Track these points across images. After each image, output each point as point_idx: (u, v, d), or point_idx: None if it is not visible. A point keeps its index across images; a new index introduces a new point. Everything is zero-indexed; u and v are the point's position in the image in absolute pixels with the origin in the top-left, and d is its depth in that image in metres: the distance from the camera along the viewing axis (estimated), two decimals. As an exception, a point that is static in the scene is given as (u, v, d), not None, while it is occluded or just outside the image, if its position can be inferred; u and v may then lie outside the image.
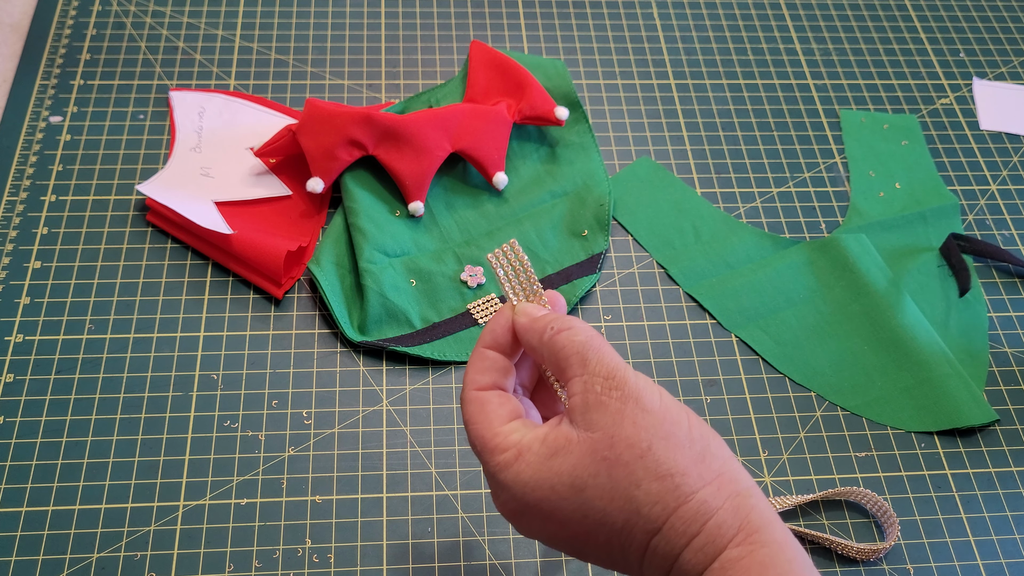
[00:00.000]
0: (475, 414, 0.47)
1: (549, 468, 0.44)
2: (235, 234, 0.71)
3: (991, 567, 0.62)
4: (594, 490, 0.43)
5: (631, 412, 0.43)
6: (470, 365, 0.48)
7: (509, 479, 0.44)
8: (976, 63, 0.92)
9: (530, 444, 0.45)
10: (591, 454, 0.43)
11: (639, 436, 0.43)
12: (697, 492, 0.42)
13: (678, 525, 0.42)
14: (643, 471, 0.42)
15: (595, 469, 0.43)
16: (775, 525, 0.43)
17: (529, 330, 0.47)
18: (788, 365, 0.70)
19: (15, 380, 0.66)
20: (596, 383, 0.44)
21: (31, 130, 0.79)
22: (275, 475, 0.63)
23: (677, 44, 0.91)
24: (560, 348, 0.46)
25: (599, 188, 0.78)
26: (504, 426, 0.46)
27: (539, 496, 0.44)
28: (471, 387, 0.48)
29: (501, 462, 0.45)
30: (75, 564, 0.59)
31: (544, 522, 0.45)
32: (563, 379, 0.46)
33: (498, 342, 0.48)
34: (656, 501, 0.42)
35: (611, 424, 0.43)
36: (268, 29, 0.88)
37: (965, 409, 0.68)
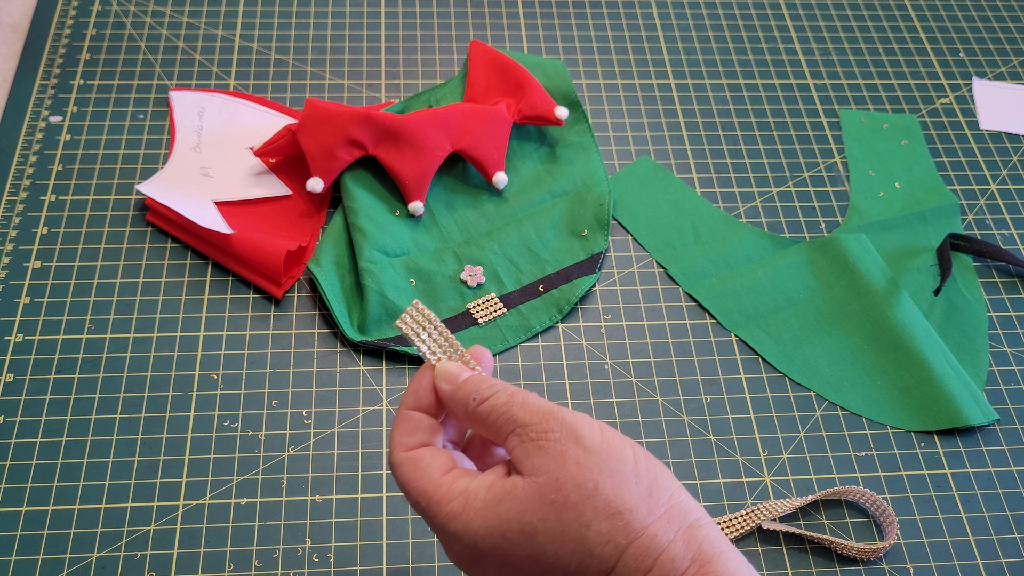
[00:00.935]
0: (411, 473, 0.46)
1: (497, 515, 0.43)
2: (235, 234, 0.71)
3: (991, 567, 0.62)
4: (545, 535, 0.42)
5: (572, 452, 0.43)
6: (395, 428, 0.47)
7: (460, 529, 0.44)
8: (976, 63, 0.92)
9: (476, 491, 0.44)
10: (538, 499, 0.42)
11: (584, 476, 0.43)
12: (647, 527, 0.42)
13: (631, 562, 0.42)
14: (592, 511, 0.42)
15: (544, 514, 0.42)
16: (727, 554, 0.43)
17: (452, 400, 0.47)
18: (788, 365, 0.71)
19: (15, 380, 0.66)
20: (530, 431, 0.44)
21: (31, 130, 0.79)
22: (275, 475, 0.63)
23: (677, 44, 0.91)
24: (486, 416, 0.45)
25: (599, 188, 0.78)
26: (444, 476, 0.45)
27: (491, 544, 0.43)
28: (399, 449, 0.47)
29: (449, 512, 0.44)
30: (75, 564, 0.59)
31: (499, 569, 0.44)
32: (499, 441, 0.45)
33: (421, 403, 0.48)
34: (607, 540, 0.42)
35: (554, 467, 0.43)
36: (268, 29, 0.88)
37: (965, 409, 0.68)
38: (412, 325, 0.49)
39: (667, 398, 0.69)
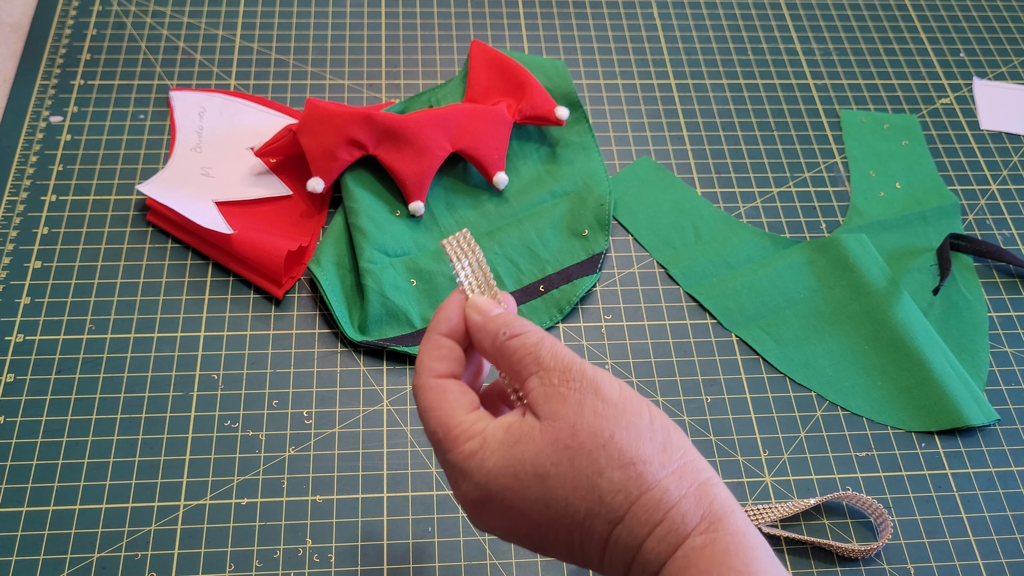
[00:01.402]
0: (436, 401, 0.46)
1: (512, 456, 0.43)
2: (235, 234, 0.71)
3: (991, 567, 0.62)
4: (557, 479, 0.43)
5: (591, 402, 0.43)
6: (424, 352, 0.47)
7: (473, 467, 0.44)
8: (976, 63, 0.92)
9: (494, 432, 0.44)
10: (553, 443, 0.43)
11: (600, 425, 0.43)
12: (659, 481, 0.42)
13: (640, 514, 0.42)
14: (606, 459, 0.42)
15: (557, 458, 0.43)
16: (737, 514, 0.43)
17: (481, 330, 0.47)
18: (788, 365, 0.71)
19: (15, 380, 0.66)
20: (552, 376, 0.44)
21: (31, 130, 0.79)
22: (276, 475, 0.63)
23: (677, 44, 0.91)
24: (513, 352, 0.45)
25: (599, 188, 0.78)
26: (468, 415, 0.45)
27: (502, 484, 0.43)
28: (429, 374, 0.46)
29: (466, 451, 0.44)
30: (75, 564, 0.59)
31: (505, 513, 0.44)
32: (518, 381, 0.45)
33: (453, 330, 0.47)
34: (619, 490, 0.42)
35: (572, 414, 0.43)
36: (268, 29, 0.88)
37: (965, 409, 0.68)
38: (456, 249, 0.49)
39: (668, 398, 0.69)
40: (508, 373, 0.46)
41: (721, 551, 0.41)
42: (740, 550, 0.41)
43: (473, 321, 0.47)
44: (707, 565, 0.41)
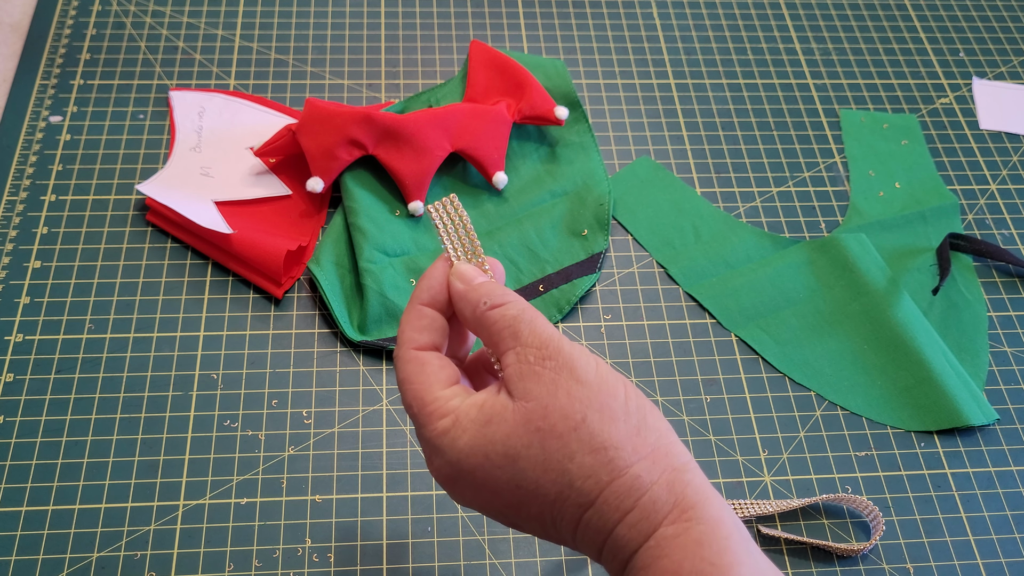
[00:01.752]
0: (415, 374, 0.45)
1: (484, 436, 0.43)
2: (235, 234, 0.71)
3: (991, 566, 0.62)
4: (527, 461, 0.42)
5: (565, 382, 0.43)
6: (406, 322, 0.46)
7: (445, 444, 0.44)
8: (976, 63, 0.92)
9: (467, 410, 0.44)
10: (525, 424, 0.42)
11: (573, 407, 0.42)
12: (631, 466, 0.42)
13: (611, 500, 0.41)
14: (577, 443, 0.42)
15: (528, 440, 0.42)
16: (711, 501, 0.42)
17: (463, 299, 0.46)
18: (788, 364, 0.71)
19: (15, 380, 0.66)
20: (529, 353, 0.43)
21: (31, 130, 0.79)
22: (275, 474, 0.63)
23: (677, 44, 0.91)
24: (492, 323, 0.45)
25: (599, 188, 0.78)
26: (444, 391, 0.45)
27: (473, 464, 0.43)
28: (409, 345, 0.46)
29: (439, 428, 0.44)
30: (75, 563, 0.59)
31: (477, 490, 0.44)
32: (497, 353, 0.45)
33: (435, 299, 0.47)
34: (589, 475, 0.42)
35: (545, 394, 0.43)
36: (268, 29, 0.88)
37: (965, 409, 0.68)
38: (442, 215, 0.48)
39: (667, 398, 0.69)
40: (487, 343, 0.46)
41: (693, 541, 0.40)
42: (713, 540, 0.41)
43: (455, 289, 0.47)
44: (679, 556, 0.40)
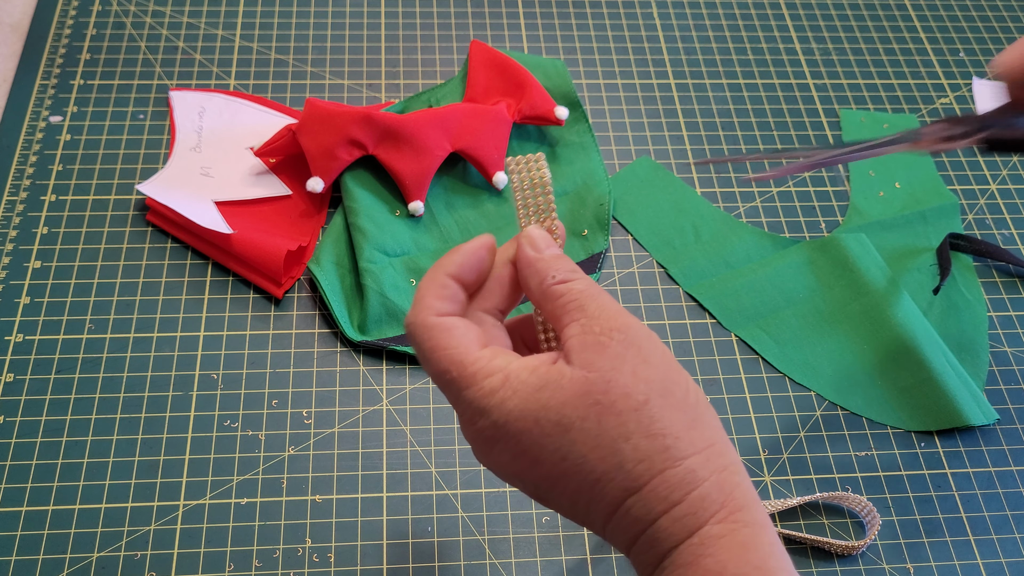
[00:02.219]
0: (444, 339, 0.43)
1: (537, 400, 0.41)
2: (235, 234, 0.71)
3: (991, 566, 0.62)
4: (579, 433, 0.40)
5: (632, 359, 0.41)
6: (426, 290, 0.44)
7: (493, 404, 0.41)
8: (976, 63, 0.92)
9: (518, 371, 0.41)
10: (584, 395, 0.40)
11: (637, 387, 0.41)
12: (687, 459, 0.40)
13: (661, 489, 0.40)
14: (635, 424, 0.40)
15: (585, 412, 0.40)
16: (757, 506, 0.41)
17: (531, 267, 0.44)
18: (788, 364, 0.71)
19: (15, 380, 0.66)
20: (595, 325, 0.42)
21: (31, 130, 0.79)
22: (275, 474, 0.63)
23: (677, 44, 0.91)
24: (558, 296, 0.43)
25: (599, 188, 0.78)
26: (482, 350, 0.43)
27: (520, 428, 0.41)
28: (430, 312, 0.43)
29: (486, 388, 0.41)
30: (75, 564, 0.59)
31: (516, 457, 0.42)
32: (558, 327, 0.43)
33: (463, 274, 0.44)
34: (642, 459, 0.40)
35: (609, 368, 0.41)
36: (268, 29, 0.88)
37: (965, 409, 0.68)
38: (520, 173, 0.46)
39: (667, 398, 0.69)
40: (549, 317, 0.44)
41: (739, 544, 0.39)
42: (759, 545, 0.40)
43: (525, 255, 0.45)
44: (724, 556, 0.39)
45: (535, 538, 0.62)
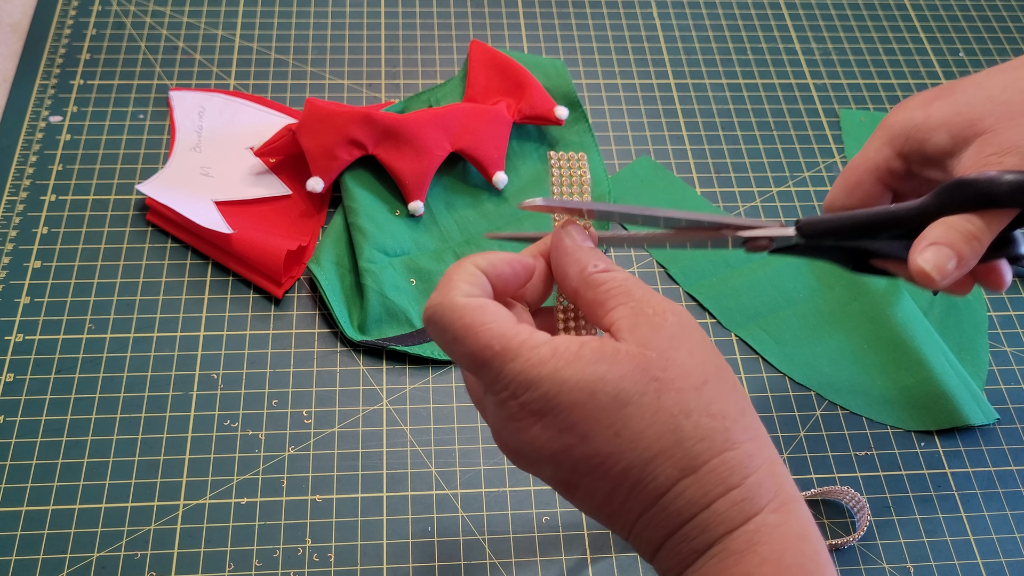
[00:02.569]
0: (478, 316, 0.41)
1: (594, 372, 0.39)
2: (235, 234, 0.71)
3: (991, 566, 0.62)
4: (637, 408, 0.39)
5: (688, 340, 0.41)
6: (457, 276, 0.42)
7: (543, 375, 0.39)
8: (976, 63, 0.92)
9: (567, 344, 0.40)
10: (642, 370, 0.39)
11: (696, 367, 0.40)
12: (743, 443, 0.40)
13: (721, 470, 0.39)
14: (695, 402, 0.39)
15: (644, 387, 0.39)
16: (802, 501, 0.41)
17: (570, 255, 0.44)
18: (788, 364, 0.71)
19: (15, 379, 0.66)
20: (647, 307, 0.41)
21: (31, 130, 0.79)
22: (275, 474, 0.63)
23: (677, 44, 0.91)
24: (601, 283, 0.43)
25: (599, 187, 0.78)
26: (521, 324, 0.41)
27: (573, 399, 0.39)
28: (460, 295, 0.41)
29: (535, 358, 0.40)
30: (75, 563, 0.59)
31: (563, 432, 0.40)
32: (601, 312, 0.42)
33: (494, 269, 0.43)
34: (703, 437, 0.39)
35: (667, 346, 0.40)
36: (268, 29, 0.88)
37: (965, 409, 0.68)
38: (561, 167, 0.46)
39: (667, 398, 0.69)
40: (589, 304, 0.43)
41: (795, 534, 0.39)
42: (812, 538, 0.40)
43: (564, 245, 0.44)
44: (780, 546, 0.39)
45: (535, 538, 0.62)
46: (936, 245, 0.50)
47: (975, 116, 0.53)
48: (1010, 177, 0.50)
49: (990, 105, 0.53)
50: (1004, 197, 0.49)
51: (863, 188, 0.57)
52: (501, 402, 0.41)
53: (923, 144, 0.54)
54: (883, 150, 0.56)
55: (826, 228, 0.53)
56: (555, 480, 0.42)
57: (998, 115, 0.52)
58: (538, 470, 0.42)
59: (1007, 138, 0.51)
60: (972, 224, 0.50)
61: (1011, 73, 0.54)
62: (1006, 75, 0.54)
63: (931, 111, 0.55)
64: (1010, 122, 0.51)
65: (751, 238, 0.52)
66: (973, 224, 0.50)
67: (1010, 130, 0.51)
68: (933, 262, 0.50)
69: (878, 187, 0.57)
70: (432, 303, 0.42)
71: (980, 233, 0.50)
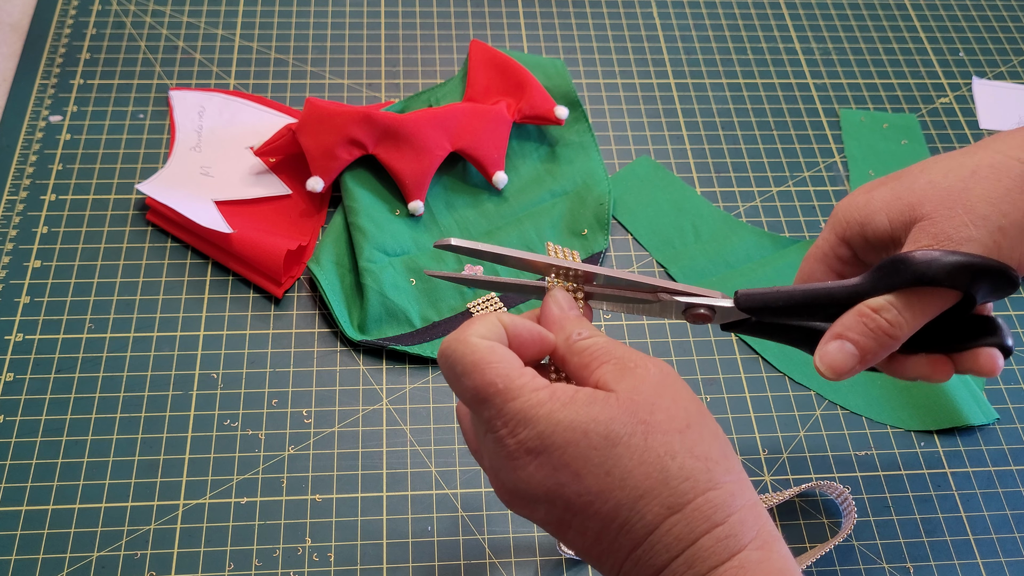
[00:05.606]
0: (489, 355, 0.43)
1: (587, 413, 0.42)
2: (235, 233, 0.71)
3: (991, 566, 0.62)
4: (626, 448, 0.41)
5: (671, 387, 0.43)
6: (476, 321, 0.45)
7: (541, 415, 0.42)
8: (976, 63, 0.92)
9: (563, 389, 0.43)
10: (631, 413, 0.42)
11: (679, 412, 0.43)
12: (727, 483, 0.42)
13: (705, 508, 0.41)
14: (680, 445, 0.42)
15: (633, 428, 0.42)
16: (782, 541, 0.43)
17: (557, 323, 0.47)
18: (787, 364, 0.71)
19: (15, 379, 0.66)
20: (629, 362, 0.44)
21: (31, 130, 0.79)
22: (275, 474, 0.63)
23: (677, 44, 0.91)
24: (584, 348, 0.45)
25: (599, 187, 0.78)
26: (527, 368, 0.44)
27: (568, 438, 0.42)
28: (475, 335, 0.44)
29: (534, 399, 0.42)
30: (75, 563, 0.59)
31: (557, 470, 0.42)
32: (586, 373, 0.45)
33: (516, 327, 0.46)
34: (688, 477, 0.41)
35: (652, 393, 0.43)
36: (268, 29, 0.88)
37: (965, 408, 0.68)
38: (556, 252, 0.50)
39: (667, 397, 0.69)
40: (575, 369, 0.46)
41: (778, 571, 0.41)
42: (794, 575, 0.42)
43: (551, 313, 0.47)
44: None
45: (535, 538, 0.62)
46: (840, 340, 0.49)
47: (914, 200, 0.51)
48: (952, 258, 0.48)
49: (930, 191, 0.51)
50: (943, 278, 0.48)
51: (815, 277, 0.56)
52: (499, 439, 0.43)
53: (864, 228, 0.53)
54: (829, 237, 0.55)
55: (761, 301, 0.52)
56: (549, 520, 0.44)
57: (936, 202, 0.50)
58: (532, 511, 0.44)
59: (942, 229, 0.49)
60: (887, 314, 0.49)
61: (957, 159, 0.52)
62: (951, 161, 0.52)
63: (873, 196, 0.53)
64: (946, 212, 0.49)
65: (691, 305, 0.52)
66: (889, 314, 0.49)
67: (945, 220, 0.49)
68: (831, 362, 0.50)
69: (830, 275, 0.56)
70: (447, 339, 0.45)
71: (896, 322, 0.49)
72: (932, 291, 0.49)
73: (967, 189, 0.50)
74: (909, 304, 0.49)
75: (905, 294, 0.49)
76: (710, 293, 0.52)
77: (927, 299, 0.49)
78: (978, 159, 0.51)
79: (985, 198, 0.49)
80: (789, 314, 0.52)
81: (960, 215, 0.49)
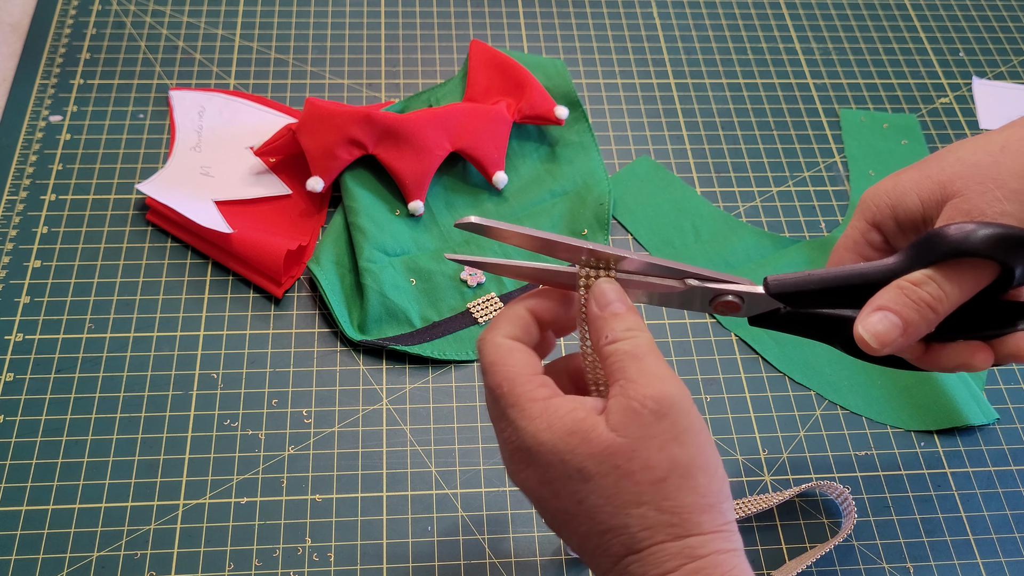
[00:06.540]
0: (502, 356, 0.46)
1: (566, 443, 0.43)
2: (235, 233, 0.71)
3: (991, 566, 0.62)
4: (597, 486, 0.43)
5: (661, 434, 0.43)
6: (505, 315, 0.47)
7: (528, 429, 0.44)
8: (976, 63, 0.92)
9: (557, 408, 0.44)
10: (608, 455, 0.43)
11: (660, 463, 0.43)
12: (689, 538, 0.42)
13: (659, 555, 0.42)
14: (650, 496, 0.42)
15: (606, 470, 0.43)
16: None
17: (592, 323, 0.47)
18: (788, 364, 0.71)
19: (15, 379, 0.66)
20: (631, 390, 0.44)
21: (31, 130, 0.79)
22: (275, 474, 0.63)
23: (677, 44, 0.91)
24: (606, 357, 0.46)
25: (599, 187, 0.78)
26: (533, 377, 0.45)
27: (548, 460, 0.44)
28: (499, 333, 0.47)
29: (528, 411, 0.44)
30: (75, 563, 0.59)
31: (542, 484, 0.45)
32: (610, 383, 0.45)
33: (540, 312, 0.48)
34: (647, 527, 0.42)
35: (637, 436, 0.43)
36: (268, 29, 0.88)
37: (965, 409, 0.68)
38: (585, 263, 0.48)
39: (667, 397, 0.68)
40: (606, 371, 0.46)
41: None
42: None
43: (590, 312, 0.47)
44: None
45: (535, 538, 0.62)
46: (882, 311, 0.47)
47: (944, 179, 0.50)
48: (988, 230, 0.46)
49: (960, 167, 0.50)
50: (980, 248, 0.46)
51: None
52: (501, 437, 0.47)
53: (895, 210, 0.52)
54: (859, 224, 0.54)
55: (793, 286, 0.49)
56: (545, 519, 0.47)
57: (967, 178, 0.49)
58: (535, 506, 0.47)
59: (975, 204, 0.49)
60: (928, 287, 0.47)
61: (985, 137, 0.52)
62: (980, 139, 0.52)
63: (901, 178, 0.53)
64: (978, 187, 0.49)
65: (719, 294, 0.49)
66: (929, 287, 0.47)
67: (978, 195, 0.49)
68: (873, 331, 0.47)
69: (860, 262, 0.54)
70: (480, 336, 0.48)
71: (937, 295, 0.47)
72: (971, 263, 0.47)
73: (997, 163, 0.50)
74: (948, 277, 0.47)
75: (943, 267, 0.47)
76: (739, 280, 0.50)
77: (966, 271, 0.47)
78: (1007, 135, 0.51)
79: (1017, 172, 0.49)
80: (822, 299, 0.50)
81: (992, 190, 0.49)
